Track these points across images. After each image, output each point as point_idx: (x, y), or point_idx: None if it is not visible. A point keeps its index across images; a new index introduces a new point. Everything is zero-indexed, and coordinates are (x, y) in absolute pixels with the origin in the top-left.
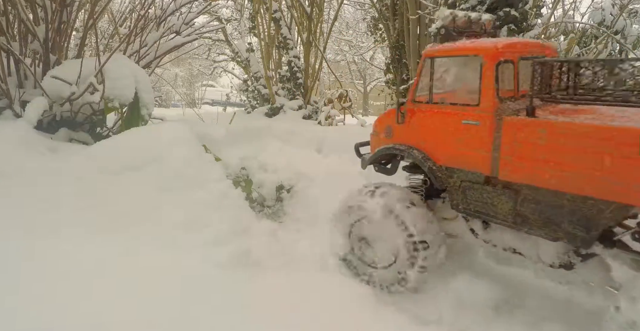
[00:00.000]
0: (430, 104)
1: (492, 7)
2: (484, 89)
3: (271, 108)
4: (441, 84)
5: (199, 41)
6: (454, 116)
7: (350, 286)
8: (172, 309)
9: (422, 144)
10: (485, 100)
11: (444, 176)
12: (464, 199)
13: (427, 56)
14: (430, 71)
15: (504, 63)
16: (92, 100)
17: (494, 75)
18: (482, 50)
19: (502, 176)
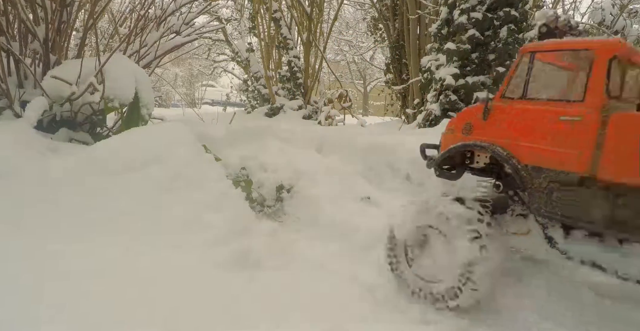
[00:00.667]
0: (523, 100)
1: (492, 7)
2: (594, 85)
3: (271, 108)
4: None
5: (199, 41)
6: (551, 112)
7: (351, 286)
8: (172, 309)
9: (507, 141)
10: (591, 96)
11: (528, 176)
12: (549, 202)
13: (528, 51)
14: (529, 66)
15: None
16: (92, 100)
17: (607, 71)
18: (595, 46)
19: (601, 175)
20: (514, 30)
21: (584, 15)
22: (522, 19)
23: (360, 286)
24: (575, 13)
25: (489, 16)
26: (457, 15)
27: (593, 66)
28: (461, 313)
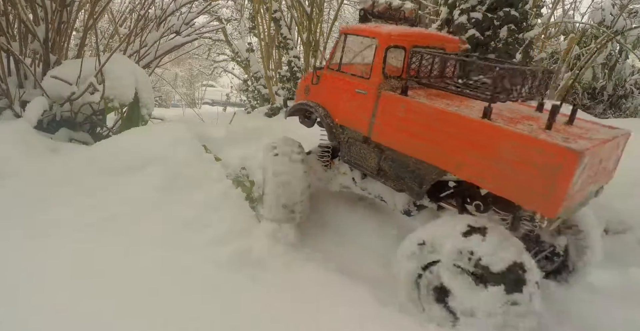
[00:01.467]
0: (338, 72)
1: (492, 7)
2: (375, 67)
3: (271, 108)
4: (349, 56)
5: (199, 41)
6: (350, 84)
7: (351, 286)
8: (172, 309)
9: (327, 103)
10: (373, 75)
11: (337, 132)
12: (349, 152)
13: (343, 32)
14: (343, 45)
15: (393, 48)
16: (92, 100)
17: (383, 56)
18: (377, 34)
19: (374, 137)
20: (514, 30)
21: (584, 15)
22: (522, 19)
23: (360, 286)
24: (575, 13)
25: (489, 16)
26: (457, 15)
27: (376, 51)
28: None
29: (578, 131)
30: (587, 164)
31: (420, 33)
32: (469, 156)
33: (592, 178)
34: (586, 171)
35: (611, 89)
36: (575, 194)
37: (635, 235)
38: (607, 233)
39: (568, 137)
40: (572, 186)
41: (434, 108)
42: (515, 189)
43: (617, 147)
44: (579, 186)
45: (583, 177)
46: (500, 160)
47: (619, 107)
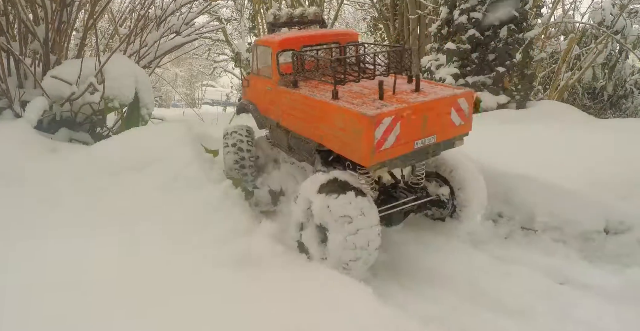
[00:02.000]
0: (255, 76)
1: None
2: (272, 68)
3: None
4: (260, 62)
5: (199, 41)
6: (264, 83)
7: (351, 286)
8: (172, 309)
9: (255, 100)
10: (273, 75)
11: (263, 121)
12: (272, 136)
13: (255, 44)
14: (256, 53)
15: (282, 52)
16: (92, 100)
17: (276, 59)
18: (270, 43)
19: (281, 123)
20: (514, 30)
21: (584, 16)
22: (522, 19)
23: (360, 286)
24: (575, 13)
25: None
26: (457, 15)
27: (272, 56)
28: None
29: (408, 97)
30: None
31: (310, 34)
32: (323, 128)
33: (413, 134)
34: (397, 129)
35: (611, 89)
36: (392, 147)
37: (635, 235)
38: (607, 233)
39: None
40: (375, 142)
41: (300, 95)
42: (345, 148)
43: (449, 104)
44: (392, 140)
45: (395, 134)
46: (336, 128)
47: (619, 107)
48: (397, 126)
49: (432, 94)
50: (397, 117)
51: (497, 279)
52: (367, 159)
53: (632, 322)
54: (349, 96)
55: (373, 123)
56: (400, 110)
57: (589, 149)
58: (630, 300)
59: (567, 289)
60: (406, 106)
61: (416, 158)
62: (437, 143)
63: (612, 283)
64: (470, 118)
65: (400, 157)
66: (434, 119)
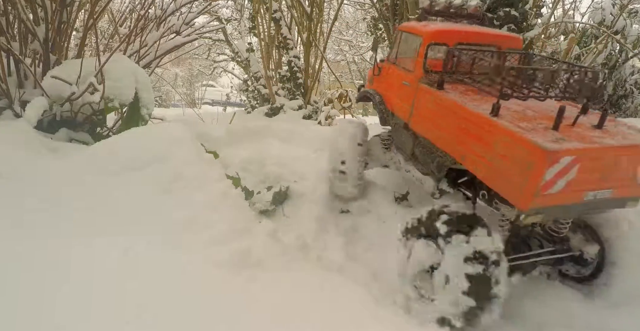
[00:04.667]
0: (393, 65)
1: (492, 7)
2: (417, 61)
3: (271, 108)
4: (402, 51)
5: (199, 41)
6: (400, 76)
7: (350, 286)
8: (172, 309)
9: (383, 92)
10: (416, 69)
11: (388, 117)
12: (394, 136)
13: (399, 29)
14: (398, 41)
15: (434, 45)
16: (92, 100)
17: (424, 52)
18: (421, 32)
19: (411, 126)
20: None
21: (584, 16)
22: (522, 19)
23: (360, 286)
24: (575, 13)
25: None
26: None
27: (419, 47)
28: None
29: (591, 134)
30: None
31: (468, 31)
32: (472, 147)
33: (587, 183)
34: (573, 173)
35: (611, 89)
36: (558, 193)
37: None
38: None
39: (562, 138)
40: (543, 182)
41: (450, 101)
42: (498, 180)
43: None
44: (562, 185)
45: (567, 178)
46: (493, 153)
47: (619, 107)
48: (574, 170)
49: (620, 136)
50: (578, 158)
51: None
52: (526, 201)
53: (632, 322)
54: (511, 115)
55: (549, 160)
56: (585, 150)
57: None
58: (631, 300)
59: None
60: (593, 147)
61: (579, 212)
62: (610, 199)
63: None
64: None
65: (562, 206)
66: (616, 170)
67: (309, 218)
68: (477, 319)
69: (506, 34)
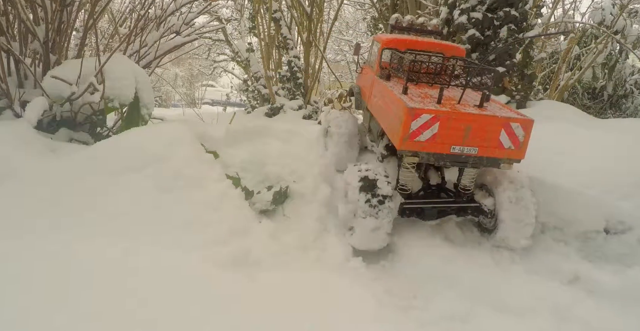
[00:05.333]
0: (367, 66)
1: (492, 7)
2: (376, 61)
3: (271, 108)
4: (372, 55)
5: (199, 41)
6: (369, 72)
7: (350, 286)
8: (172, 309)
9: (361, 85)
10: (375, 66)
11: (360, 103)
12: (365, 118)
13: (373, 39)
14: (372, 47)
15: (387, 49)
16: (92, 100)
17: (380, 54)
18: (380, 40)
19: (369, 107)
20: (514, 30)
21: (584, 16)
22: (522, 19)
23: (360, 286)
24: (575, 13)
25: (489, 16)
26: (457, 15)
27: (379, 51)
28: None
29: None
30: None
31: (416, 40)
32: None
33: (452, 138)
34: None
35: (611, 89)
36: (427, 142)
37: (635, 235)
38: (608, 233)
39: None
40: (410, 130)
41: (383, 85)
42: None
43: (499, 124)
44: (428, 136)
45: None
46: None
47: (619, 107)
48: (436, 126)
49: (488, 112)
50: (436, 117)
51: (498, 279)
52: (400, 142)
53: (632, 322)
54: (418, 95)
55: (411, 114)
56: (441, 112)
57: (589, 149)
58: (630, 300)
59: (568, 289)
60: (448, 110)
61: (451, 161)
62: (479, 156)
63: (612, 283)
64: (525, 147)
65: (433, 154)
66: (477, 133)
67: (309, 218)
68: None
69: (451, 44)
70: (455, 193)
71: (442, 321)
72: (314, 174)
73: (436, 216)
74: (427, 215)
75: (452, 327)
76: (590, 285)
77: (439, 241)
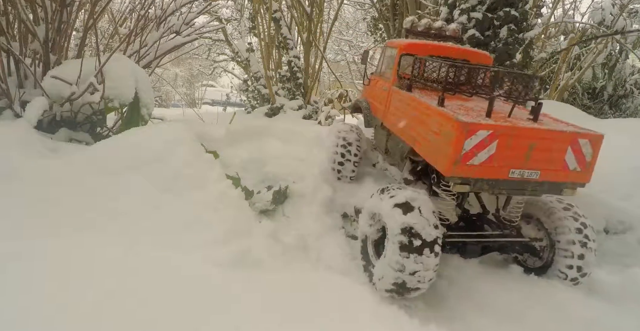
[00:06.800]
0: (377, 76)
1: (492, 7)
2: (393, 69)
3: (271, 108)
4: (385, 64)
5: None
6: (382, 84)
7: (350, 286)
8: (172, 309)
9: (370, 99)
10: (392, 76)
11: (371, 120)
12: (375, 136)
13: (386, 45)
14: (384, 55)
15: (406, 55)
16: (92, 100)
17: (398, 61)
18: (397, 45)
19: (386, 123)
20: (514, 30)
21: (584, 15)
22: (522, 19)
23: (360, 286)
24: (575, 13)
25: (489, 16)
26: (457, 15)
27: (395, 57)
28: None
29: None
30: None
31: (437, 45)
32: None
33: (511, 160)
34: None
35: (611, 89)
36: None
37: (635, 235)
38: (607, 233)
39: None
40: (463, 151)
41: (409, 96)
42: (432, 153)
43: (565, 141)
44: (483, 158)
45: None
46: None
47: (619, 107)
48: (493, 145)
49: (547, 125)
50: (495, 133)
51: (496, 278)
52: (449, 167)
53: (632, 322)
54: (458, 108)
55: (465, 131)
56: (501, 127)
57: None
58: (630, 300)
59: (568, 289)
60: (509, 125)
61: (508, 189)
62: (540, 182)
63: (612, 283)
64: (592, 168)
65: (488, 180)
66: (541, 152)
67: (309, 218)
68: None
69: (476, 50)
70: (499, 224)
71: (442, 321)
72: (314, 174)
73: (480, 252)
74: (469, 251)
75: (452, 327)
76: (590, 285)
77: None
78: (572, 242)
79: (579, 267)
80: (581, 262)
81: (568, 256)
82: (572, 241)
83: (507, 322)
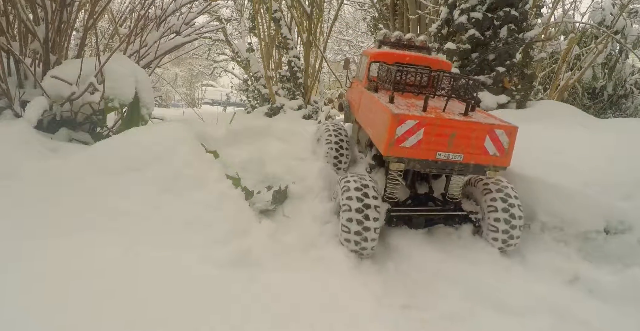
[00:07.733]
0: (356, 79)
1: (492, 7)
2: (365, 74)
3: (271, 108)
4: (361, 69)
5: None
6: (357, 86)
7: (351, 286)
8: (172, 309)
9: (350, 99)
10: (364, 79)
11: (351, 116)
12: (353, 130)
13: (362, 53)
14: (361, 61)
15: (374, 62)
16: (92, 100)
17: (368, 67)
18: (369, 53)
19: (357, 118)
20: (514, 30)
21: (584, 16)
22: (522, 19)
23: (360, 286)
24: (575, 13)
25: (489, 16)
26: (457, 15)
27: (367, 64)
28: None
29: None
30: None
31: (403, 54)
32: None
33: (439, 145)
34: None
35: (611, 89)
36: (412, 148)
37: (635, 235)
38: (607, 233)
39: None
40: (396, 136)
41: (371, 95)
42: (376, 139)
43: (483, 131)
44: (413, 142)
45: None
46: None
47: (619, 107)
48: (421, 132)
49: (473, 119)
50: (421, 123)
51: (498, 278)
52: (385, 148)
53: (632, 322)
54: (404, 104)
55: (396, 121)
56: (426, 118)
57: (589, 149)
58: (630, 299)
59: (568, 289)
60: (433, 117)
61: (437, 168)
62: (465, 163)
63: (612, 283)
64: (510, 154)
65: (419, 160)
66: (462, 139)
67: (309, 218)
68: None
69: (437, 59)
70: (443, 201)
71: (442, 321)
72: (313, 174)
73: (424, 224)
74: (414, 223)
75: (452, 327)
76: (590, 285)
77: (439, 242)
78: (498, 220)
79: (503, 240)
80: (505, 236)
81: (494, 231)
82: (498, 218)
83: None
